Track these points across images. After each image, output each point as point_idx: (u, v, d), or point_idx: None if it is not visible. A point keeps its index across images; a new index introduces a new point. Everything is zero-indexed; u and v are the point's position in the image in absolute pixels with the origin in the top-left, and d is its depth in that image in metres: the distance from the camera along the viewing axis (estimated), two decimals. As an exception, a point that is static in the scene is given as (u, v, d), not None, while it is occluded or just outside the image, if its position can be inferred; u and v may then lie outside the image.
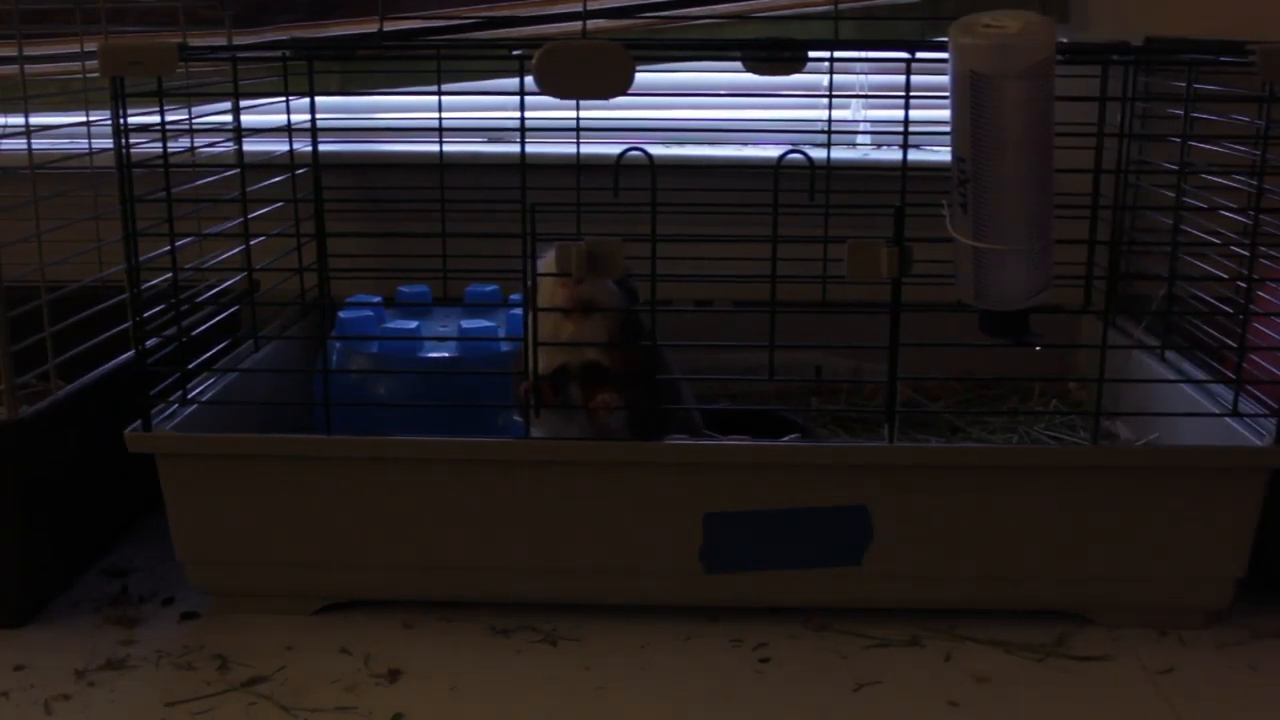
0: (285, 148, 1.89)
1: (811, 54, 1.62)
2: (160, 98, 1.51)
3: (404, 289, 1.87)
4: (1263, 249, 1.50)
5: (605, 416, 1.51)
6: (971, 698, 1.39)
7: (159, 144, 1.54)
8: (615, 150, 1.58)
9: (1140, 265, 1.91)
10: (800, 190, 1.55)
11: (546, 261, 1.49)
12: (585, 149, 1.74)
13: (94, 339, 1.66)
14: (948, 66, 1.40)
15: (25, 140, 1.63)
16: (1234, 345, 1.52)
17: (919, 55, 1.49)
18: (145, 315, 1.55)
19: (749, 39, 1.84)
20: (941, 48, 1.42)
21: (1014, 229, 1.37)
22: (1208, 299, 1.71)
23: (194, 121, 1.80)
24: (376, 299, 1.83)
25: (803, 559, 1.52)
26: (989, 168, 1.38)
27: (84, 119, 1.80)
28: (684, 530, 1.51)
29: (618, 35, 2.03)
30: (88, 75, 1.81)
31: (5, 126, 1.73)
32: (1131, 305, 1.90)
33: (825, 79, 1.74)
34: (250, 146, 1.80)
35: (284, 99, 1.86)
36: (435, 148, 1.89)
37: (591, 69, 1.39)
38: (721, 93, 2.08)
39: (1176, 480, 1.48)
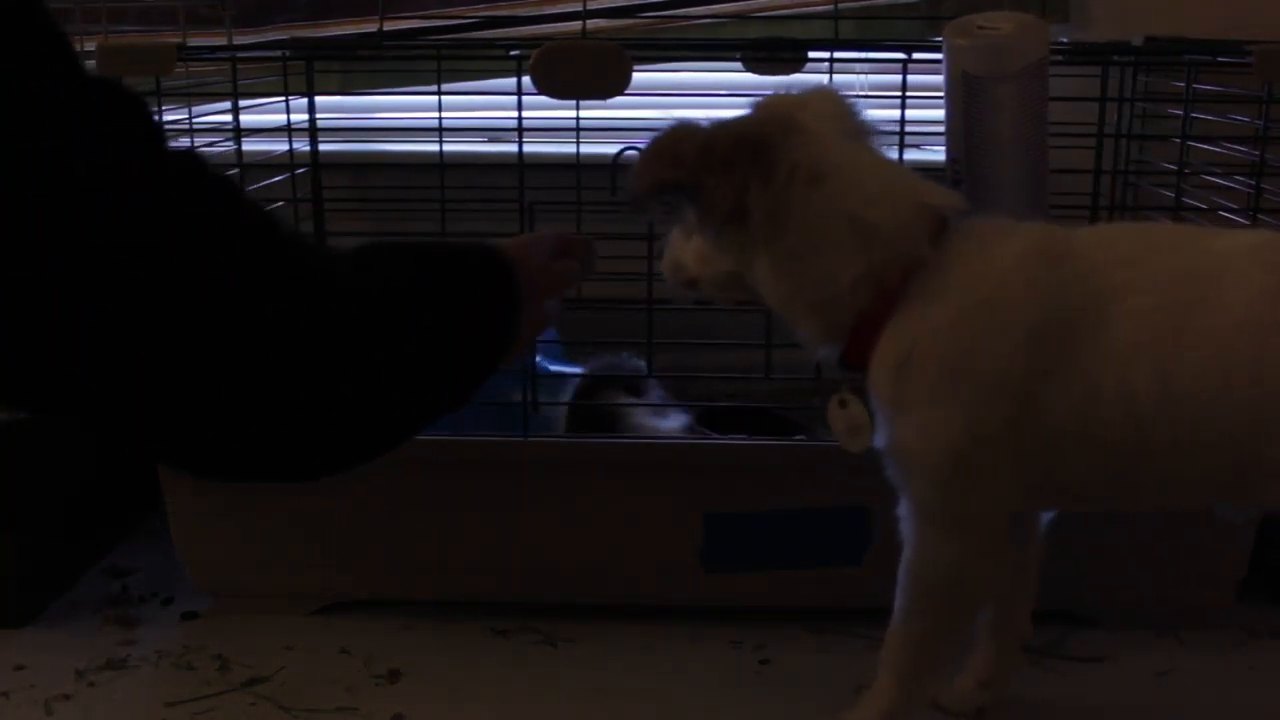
0: (285, 148, 1.89)
1: (811, 54, 1.62)
2: (159, 98, 1.51)
3: None
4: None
5: None
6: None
7: (159, 144, 1.54)
8: (615, 150, 1.58)
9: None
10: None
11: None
12: (585, 149, 1.74)
13: (94, 339, 1.66)
14: (942, 67, 1.40)
15: (25, 140, 1.63)
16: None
17: (916, 56, 1.49)
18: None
19: (749, 39, 1.84)
20: (938, 48, 1.42)
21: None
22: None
23: (193, 121, 1.80)
24: None
25: (803, 559, 1.52)
26: (983, 169, 1.38)
27: (84, 119, 1.79)
28: (684, 530, 1.51)
29: (618, 35, 2.03)
30: (87, 75, 1.80)
31: (5, 126, 1.73)
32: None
33: (825, 79, 1.74)
34: (250, 146, 1.80)
35: (283, 99, 1.85)
36: (435, 147, 1.89)
37: (588, 69, 1.39)
38: (721, 93, 2.08)
39: (1176, 480, 1.48)
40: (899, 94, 1.49)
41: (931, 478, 1.14)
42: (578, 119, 1.69)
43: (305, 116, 1.90)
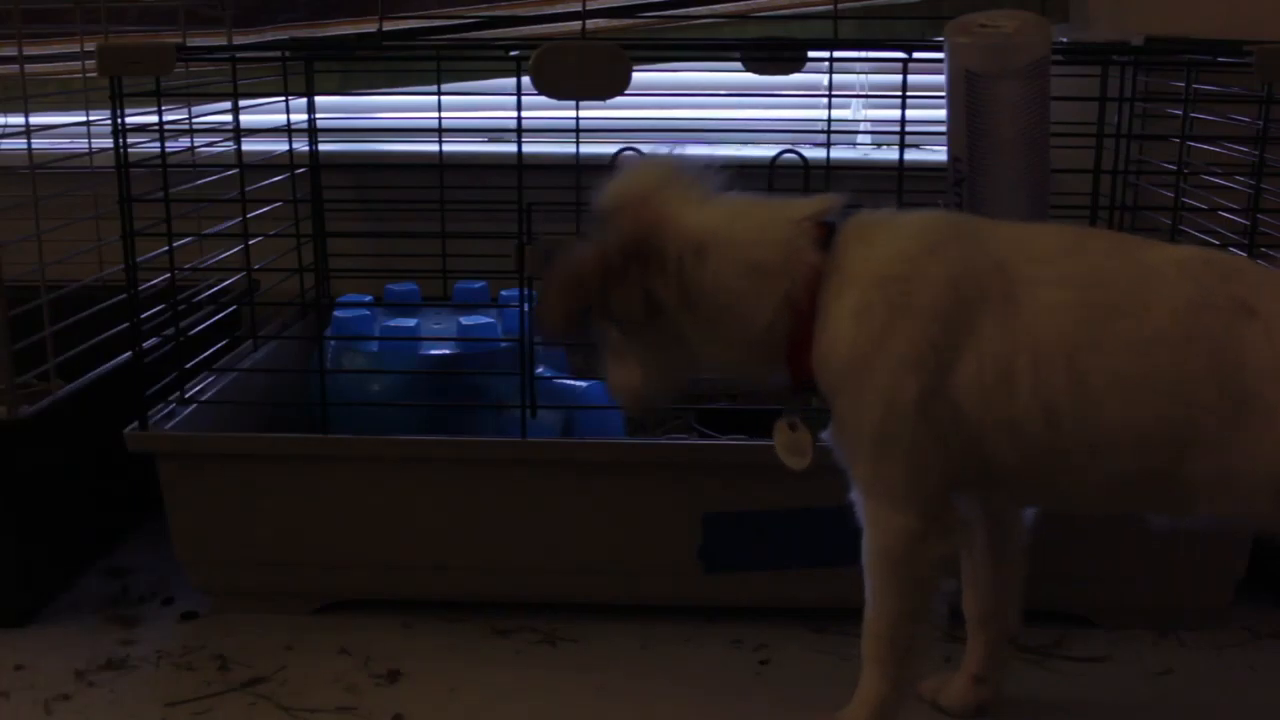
0: (285, 148, 1.89)
1: (811, 54, 1.62)
2: (158, 98, 1.51)
3: (392, 287, 1.87)
4: (1261, 249, 1.50)
5: None
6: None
7: (159, 144, 1.54)
8: (615, 150, 1.58)
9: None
10: (799, 190, 1.55)
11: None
12: (585, 149, 1.74)
13: (94, 339, 1.66)
14: (944, 66, 1.40)
15: (25, 140, 1.63)
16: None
17: (916, 55, 1.49)
18: (144, 315, 1.55)
19: (749, 39, 1.84)
20: (939, 48, 1.42)
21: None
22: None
23: (193, 121, 1.80)
24: (367, 298, 1.83)
25: (803, 559, 1.52)
26: (985, 167, 1.38)
27: (84, 119, 1.80)
28: (684, 530, 1.51)
29: (618, 35, 2.03)
30: (87, 75, 1.80)
31: (5, 126, 1.74)
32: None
33: (825, 78, 1.74)
34: (249, 146, 1.80)
35: (283, 99, 1.86)
36: (434, 147, 1.89)
37: (588, 70, 1.39)
38: (721, 93, 2.08)
39: (1176, 480, 1.47)
40: (899, 94, 1.49)
41: (863, 451, 1.17)
42: (577, 119, 1.69)
43: (305, 116, 1.90)
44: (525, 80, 1.41)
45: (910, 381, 1.13)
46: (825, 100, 1.76)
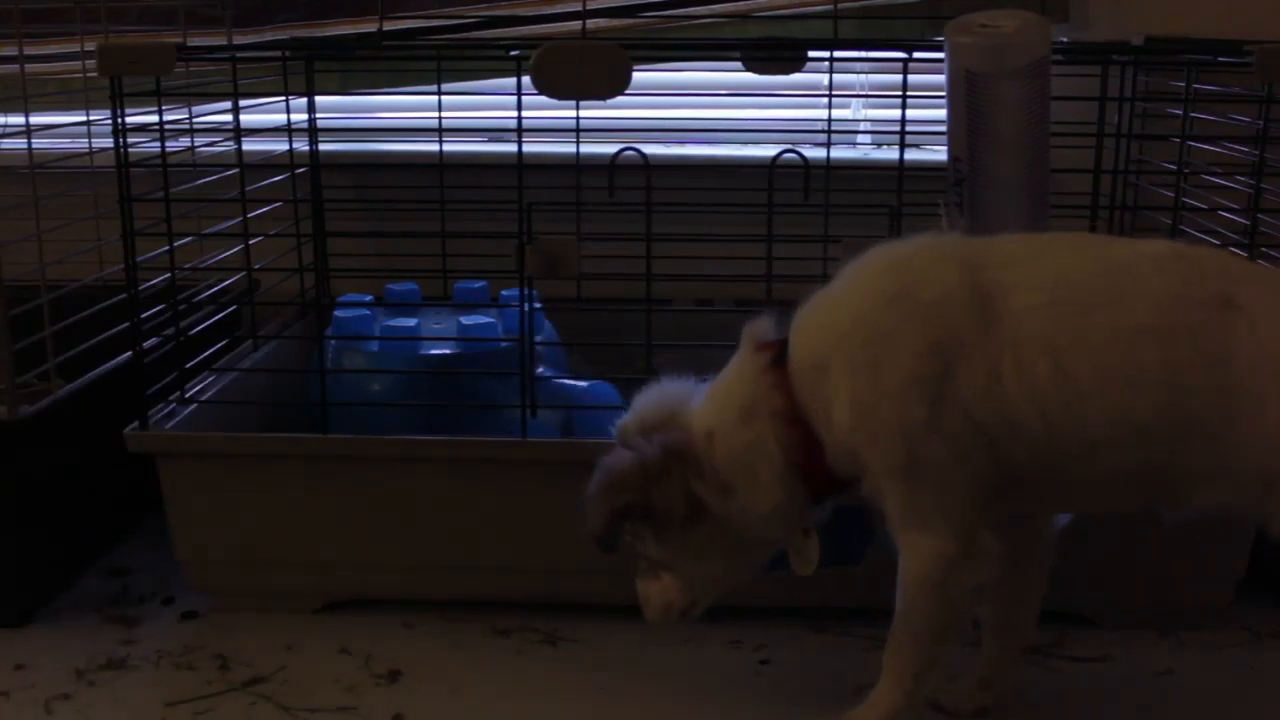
0: (285, 148, 1.89)
1: (811, 54, 1.62)
2: (159, 97, 1.51)
3: (393, 287, 1.87)
4: (1262, 249, 1.50)
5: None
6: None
7: (159, 143, 1.54)
8: (615, 150, 1.58)
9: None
10: (800, 190, 1.55)
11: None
12: (585, 149, 1.74)
13: (94, 339, 1.66)
14: (944, 66, 1.40)
15: (25, 140, 1.63)
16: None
17: (916, 55, 1.49)
18: (145, 315, 1.55)
19: (749, 39, 1.84)
20: (939, 48, 1.42)
21: (1010, 228, 1.37)
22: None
23: (194, 121, 1.80)
24: (367, 298, 1.83)
25: (802, 559, 1.51)
26: (985, 167, 1.38)
27: (84, 118, 1.80)
28: (683, 530, 1.50)
29: (618, 35, 2.03)
30: (88, 75, 1.80)
31: (5, 126, 1.74)
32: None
33: (825, 78, 1.74)
34: (249, 146, 1.80)
35: (283, 99, 1.85)
36: (434, 147, 1.89)
37: (588, 69, 1.39)
38: (721, 93, 2.08)
39: (1176, 480, 1.47)
40: (899, 94, 1.49)
41: (892, 486, 1.18)
42: (577, 119, 1.69)
43: (305, 116, 1.90)
44: (525, 80, 1.41)
45: (916, 405, 1.14)
46: (825, 100, 1.76)
